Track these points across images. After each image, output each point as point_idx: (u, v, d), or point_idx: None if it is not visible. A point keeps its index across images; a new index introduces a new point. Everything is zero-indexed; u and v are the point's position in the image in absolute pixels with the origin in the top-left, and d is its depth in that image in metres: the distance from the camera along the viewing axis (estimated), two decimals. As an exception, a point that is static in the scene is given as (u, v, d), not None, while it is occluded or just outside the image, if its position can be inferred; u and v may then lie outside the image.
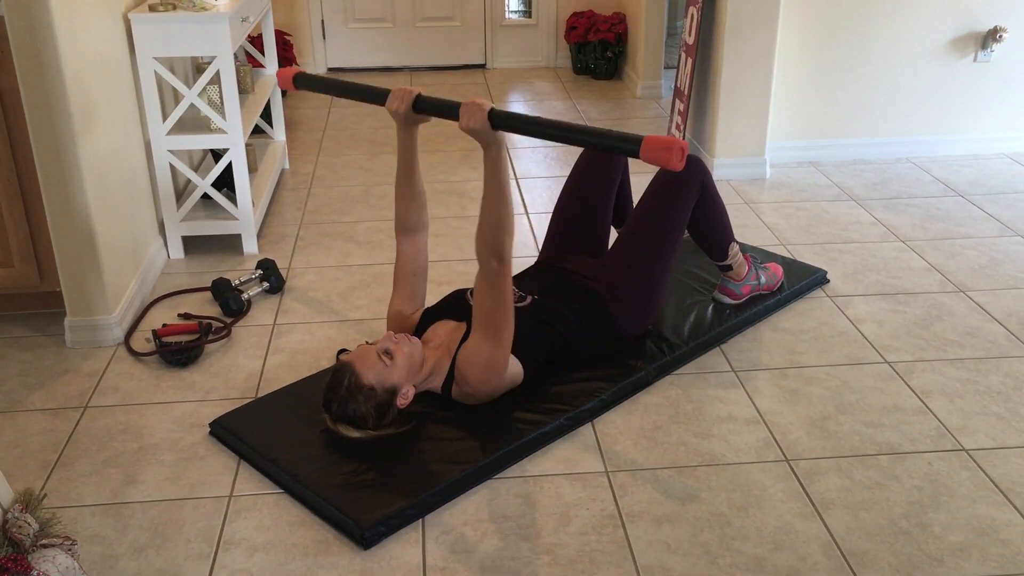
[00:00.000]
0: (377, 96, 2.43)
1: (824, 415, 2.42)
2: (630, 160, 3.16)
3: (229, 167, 3.39)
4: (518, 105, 5.23)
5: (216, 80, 3.25)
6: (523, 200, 3.88)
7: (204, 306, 3.03)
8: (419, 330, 2.50)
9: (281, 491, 2.17)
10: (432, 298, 2.72)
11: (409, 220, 2.52)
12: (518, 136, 4.68)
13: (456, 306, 2.49)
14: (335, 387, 2.19)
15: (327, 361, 2.68)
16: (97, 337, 2.78)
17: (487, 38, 6.00)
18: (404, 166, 2.47)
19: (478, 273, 2.22)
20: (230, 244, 3.48)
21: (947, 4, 4.05)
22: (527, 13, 6.07)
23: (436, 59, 6.03)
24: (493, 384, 2.32)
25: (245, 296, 3.00)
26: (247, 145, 3.71)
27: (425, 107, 2.35)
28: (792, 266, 3.13)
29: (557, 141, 2.11)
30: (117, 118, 2.95)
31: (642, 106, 5.20)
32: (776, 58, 3.93)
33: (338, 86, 2.52)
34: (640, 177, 3.99)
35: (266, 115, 4.29)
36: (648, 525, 2.05)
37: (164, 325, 2.81)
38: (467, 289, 2.55)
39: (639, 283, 2.59)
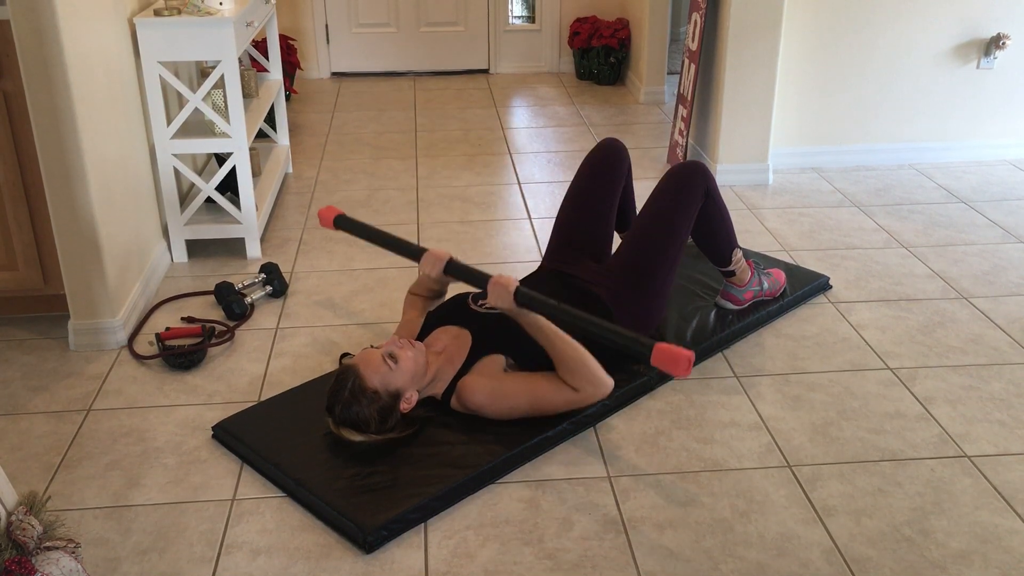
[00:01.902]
0: (411, 253, 2.59)
1: (826, 421, 2.43)
2: (634, 165, 3.17)
3: (233, 171, 3.40)
4: (521, 111, 5.24)
5: (220, 84, 3.26)
6: (526, 205, 3.88)
7: (207, 310, 3.04)
8: (422, 334, 2.51)
9: (284, 495, 2.17)
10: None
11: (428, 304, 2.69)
12: (522, 141, 4.69)
13: (458, 312, 2.50)
14: (339, 390, 2.19)
15: (330, 365, 2.69)
16: (101, 340, 2.79)
17: (490, 43, 6.01)
18: (423, 298, 2.67)
19: (572, 383, 2.30)
20: (233, 248, 3.48)
21: (950, 11, 4.06)
22: (530, 18, 6.08)
23: (440, 64, 6.04)
24: (494, 411, 2.32)
25: (248, 300, 3.01)
26: (251, 149, 3.72)
27: (455, 272, 2.50)
28: (795, 272, 3.13)
29: (573, 328, 2.25)
30: (121, 122, 2.96)
31: (645, 112, 5.21)
32: (779, 64, 3.93)
33: (376, 236, 2.68)
34: (644, 183, 3.99)
35: (270, 119, 4.30)
36: (650, 530, 2.05)
37: (167, 328, 2.81)
38: (468, 294, 2.55)
39: (642, 288, 2.60)
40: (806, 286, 3.04)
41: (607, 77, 5.73)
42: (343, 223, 2.79)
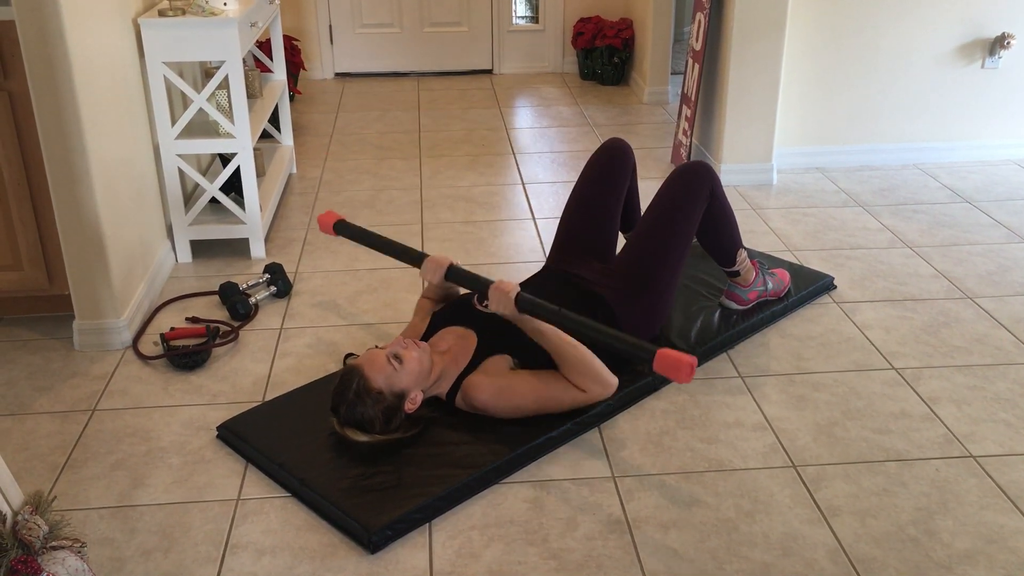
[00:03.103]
0: (412, 259, 2.60)
1: (831, 421, 2.42)
2: (638, 165, 3.17)
3: (237, 171, 3.40)
4: (525, 111, 5.24)
5: (225, 85, 3.26)
6: (530, 205, 3.88)
7: (212, 310, 3.04)
8: (427, 334, 2.51)
9: (288, 495, 2.17)
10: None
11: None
12: (526, 141, 4.69)
13: (463, 312, 2.50)
14: (343, 390, 2.20)
15: (334, 365, 2.69)
16: (105, 340, 2.79)
17: (494, 43, 6.01)
18: (435, 298, 2.68)
19: (577, 384, 2.31)
20: (238, 248, 3.49)
21: (955, 10, 4.05)
22: (534, 19, 6.08)
23: (443, 64, 6.05)
24: (499, 411, 2.32)
25: (252, 300, 3.01)
26: (255, 149, 3.73)
27: (456, 278, 2.51)
28: (799, 272, 3.13)
29: (577, 335, 2.25)
30: (126, 122, 2.96)
31: (649, 112, 5.20)
32: (783, 64, 3.93)
33: (376, 241, 2.68)
34: (648, 183, 3.99)
35: (274, 120, 4.31)
36: (655, 530, 2.05)
37: (172, 329, 2.81)
38: (474, 294, 2.55)
39: (647, 289, 2.59)
40: (810, 286, 3.04)
41: (611, 77, 5.73)
42: (343, 229, 2.80)
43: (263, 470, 2.24)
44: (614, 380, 2.33)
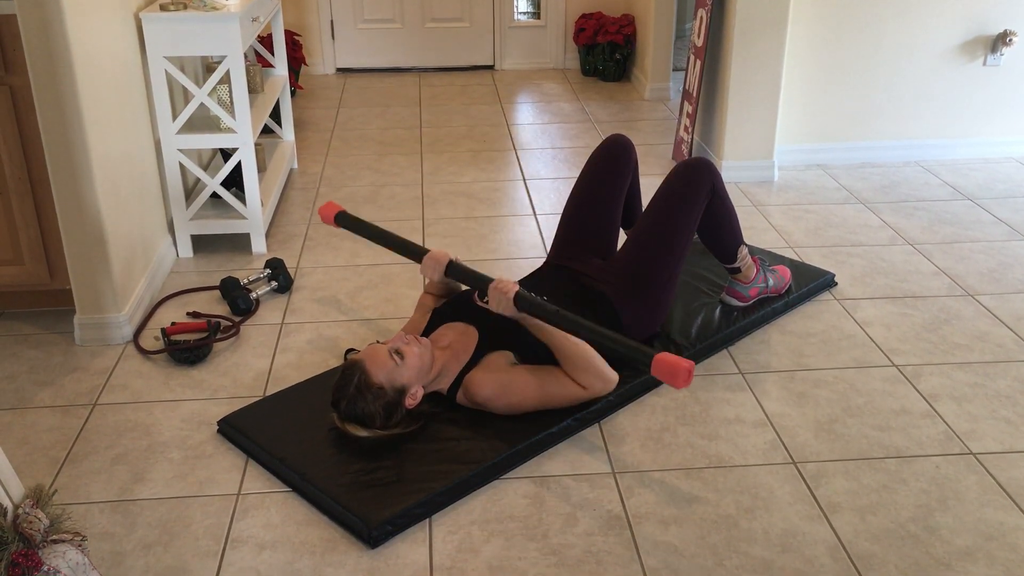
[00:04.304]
0: (413, 253, 2.59)
1: (832, 418, 2.42)
2: (640, 162, 3.16)
3: (238, 166, 3.40)
4: (526, 107, 5.24)
5: (226, 80, 3.26)
6: (531, 201, 3.88)
7: (213, 305, 3.04)
8: (428, 330, 2.51)
9: (289, 489, 2.17)
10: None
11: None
12: (528, 137, 4.68)
13: (464, 308, 2.50)
14: (344, 385, 2.20)
15: (335, 360, 2.69)
16: (106, 335, 2.79)
17: (496, 39, 6.00)
18: (437, 293, 2.68)
19: (578, 379, 2.31)
20: (239, 243, 3.49)
21: (957, 8, 4.05)
22: (536, 14, 6.07)
23: (445, 60, 6.04)
24: (500, 406, 2.33)
25: (253, 295, 3.01)
26: (256, 145, 3.73)
27: (455, 275, 2.51)
28: (800, 269, 3.13)
29: (575, 335, 2.23)
30: (127, 117, 2.96)
31: (650, 108, 5.20)
32: (785, 61, 3.93)
33: (377, 234, 2.68)
34: (649, 179, 3.99)
35: (275, 115, 4.30)
36: (655, 527, 2.05)
37: (173, 323, 2.82)
38: (475, 290, 2.55)
39: (648, 285, 2.59)
40: (811, 283, 3.04)
41: (612, 73, 5.72)
42: (344, 220, 2.79)
43: (264, 465, 2.25)
44: (614, 376, 2.33)
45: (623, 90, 5.58)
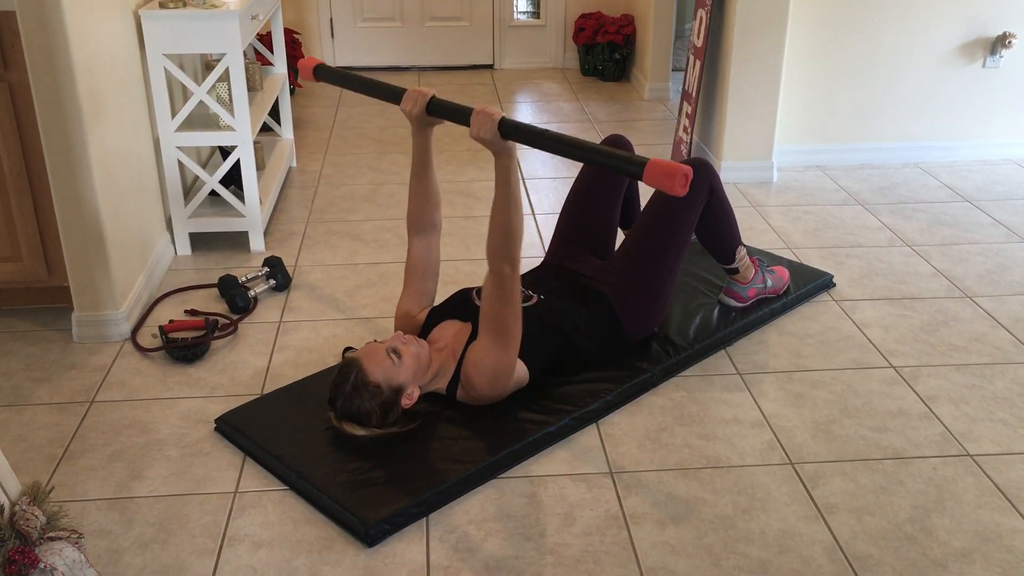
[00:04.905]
0: (392, 95, 2.47)
1: (829, 419, 2.42)
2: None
3: (237, 164, 3.40)
4: (526, 106, 5.24)
5: (225, 77, 3.26)
6: (530, 201, 3.88)
7: (211, 303, 3.04)
8: (425, 330, 2.50)
9: (286, 488, 2.17)
10: (438, 297, 2.72)
11: (422, 219, 2.52)
12: (525, 137, 4.68)
13: (462, 306, 2.50)
14: (341, 382, 2.20)
15: (333, 359, 2.69)
16: (104, 332, 2.79)
17: (495, 38, 6.00)
18: (418, 165, 2.48)
19: (487, 277, 2.22)
20: (237, 241, 3.49)
21: (956, 9, 4.05)
22: (535, 14, 6.07)
23: (444, 59, 6.04)
24: (500, 388, 2.33)
25: (252, 293, 3.01)
26: (255, 143, 3.73)
27: (438, 110, 2.38)
28: (798, 270, 3.13)
29: (563, 156, 2.11)
30: (126, 114, 2.96)
31: (650, 108, 5.20)
32: (784, 62, 3.93)
33: (355, 82, 2.57)
34: (647, 179, 3.99)
35: (274, 113, 4.30)
36: (652, 527, 2.05)
37: (171, 321, 2.81)
38: (472, 288, 2.55)
39: (646, 285, 2.59)
40: (810, 284, 3.04)
41: (612, 73, 5.72)
42: (323, 73, 2.70)
43: (261, 463, 2.25)
44: (518, 262, 2.20)
45: (622, 90, 5.58)
